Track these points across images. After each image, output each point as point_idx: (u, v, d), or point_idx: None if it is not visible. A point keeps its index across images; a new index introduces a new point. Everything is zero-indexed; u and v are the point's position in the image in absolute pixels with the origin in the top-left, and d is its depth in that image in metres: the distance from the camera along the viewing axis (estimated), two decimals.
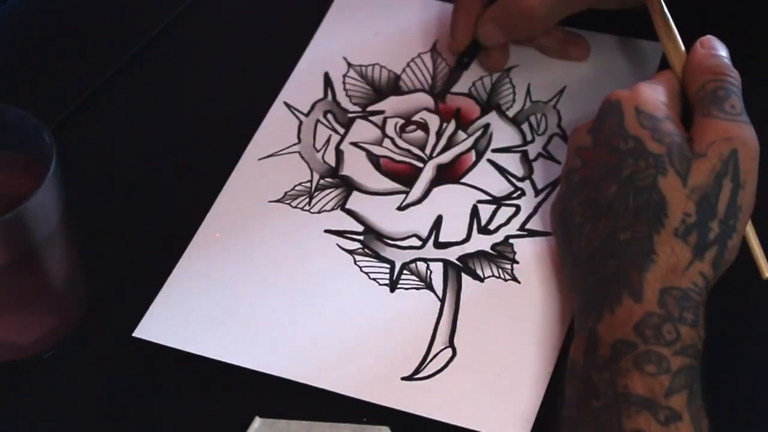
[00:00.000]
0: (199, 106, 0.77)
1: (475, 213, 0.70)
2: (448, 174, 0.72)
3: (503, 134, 0.74)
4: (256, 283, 0.68)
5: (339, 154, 0.74)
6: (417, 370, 0.64)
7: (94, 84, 0.78)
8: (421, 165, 0.73)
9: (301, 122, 0.75)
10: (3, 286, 0.63)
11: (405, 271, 0.68)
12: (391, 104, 0.76)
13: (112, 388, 0.66)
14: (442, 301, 0.67)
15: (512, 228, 0.69)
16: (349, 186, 0.72)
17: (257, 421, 0.63)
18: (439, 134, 0.74)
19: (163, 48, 0.80)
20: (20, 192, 0.60)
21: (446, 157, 0.73)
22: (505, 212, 0.70)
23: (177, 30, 0.81)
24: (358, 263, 0.69)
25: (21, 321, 0.66)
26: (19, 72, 0.79)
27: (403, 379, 0.64)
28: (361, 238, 0.70)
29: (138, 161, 0.74)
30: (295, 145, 0.74)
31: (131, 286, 0.69)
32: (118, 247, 0.71)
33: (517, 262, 0.68)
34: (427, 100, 0.76)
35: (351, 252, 0.69)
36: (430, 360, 0.64)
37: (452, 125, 0.74)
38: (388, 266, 0.68)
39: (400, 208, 0.71)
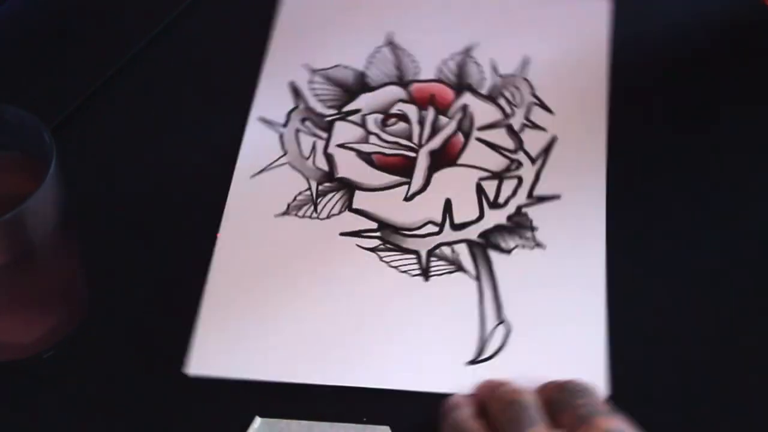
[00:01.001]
0: (199, 107, 0.76)
1: (480, 190, 0.71)
2: (443, 158, 0.72)
3: (483, 112, 0.74)
4: (290, 300, 0.67)
5: (329, 158, 0.73)
6: (479, 352, 0.64)
7: (94, 84, 0.76)
8: (413, 155, 0.73)
9: (281, 134, 0.74)
10: (3, 286, 0.62)
11: (432, 258, 0.68)
12: (365, 101, 0.75)
13: (112, 388, 0.65)
14: (478, 279, 0.67)
15: (521, 198, 0.71)
16: (349, 187, 0.72)
17: (257, 421, 0.62)
18: (421, 122, 0.74)
19: (163, 48, 0.78)
20: (20, 192, 0.59)
21: (436, 142, 0.73)
22: (509, 185, 0.71)
23: (177, 30, 0.79)
24: (384, 259, 0.68)
25: (21, 321, 0.65)
26: (19, 72, 0.77)
27: (468, 363, 0.64)
28: (378, 234, 0.69)
29: (138, 161, 0.73)
30: (282, 157, 0.73)
31: (131, 287, 0.68)
32: (118, 247, 0.69)
33: (536, 229, 0.69)
34: (398, 91, 0.76)
35: (373, 250, 0.69)
36: (488, 339, 0.65)
37: (431, 112, 0.75)
38: (414, 256, 0.68)
39: (407, 199, 0.71)
